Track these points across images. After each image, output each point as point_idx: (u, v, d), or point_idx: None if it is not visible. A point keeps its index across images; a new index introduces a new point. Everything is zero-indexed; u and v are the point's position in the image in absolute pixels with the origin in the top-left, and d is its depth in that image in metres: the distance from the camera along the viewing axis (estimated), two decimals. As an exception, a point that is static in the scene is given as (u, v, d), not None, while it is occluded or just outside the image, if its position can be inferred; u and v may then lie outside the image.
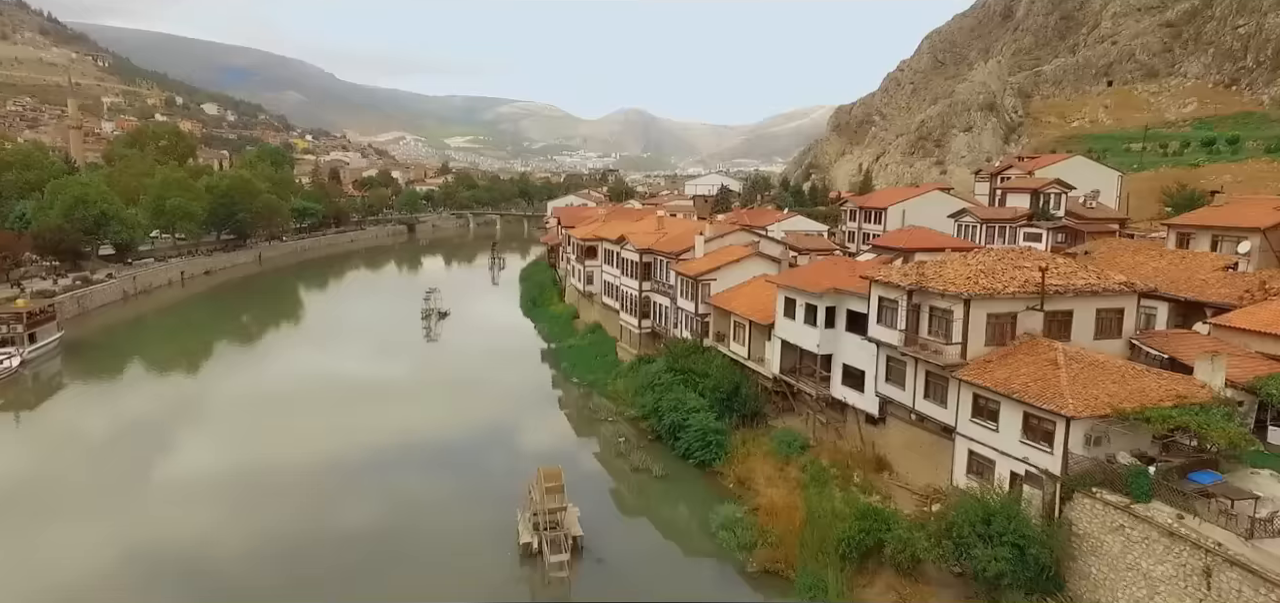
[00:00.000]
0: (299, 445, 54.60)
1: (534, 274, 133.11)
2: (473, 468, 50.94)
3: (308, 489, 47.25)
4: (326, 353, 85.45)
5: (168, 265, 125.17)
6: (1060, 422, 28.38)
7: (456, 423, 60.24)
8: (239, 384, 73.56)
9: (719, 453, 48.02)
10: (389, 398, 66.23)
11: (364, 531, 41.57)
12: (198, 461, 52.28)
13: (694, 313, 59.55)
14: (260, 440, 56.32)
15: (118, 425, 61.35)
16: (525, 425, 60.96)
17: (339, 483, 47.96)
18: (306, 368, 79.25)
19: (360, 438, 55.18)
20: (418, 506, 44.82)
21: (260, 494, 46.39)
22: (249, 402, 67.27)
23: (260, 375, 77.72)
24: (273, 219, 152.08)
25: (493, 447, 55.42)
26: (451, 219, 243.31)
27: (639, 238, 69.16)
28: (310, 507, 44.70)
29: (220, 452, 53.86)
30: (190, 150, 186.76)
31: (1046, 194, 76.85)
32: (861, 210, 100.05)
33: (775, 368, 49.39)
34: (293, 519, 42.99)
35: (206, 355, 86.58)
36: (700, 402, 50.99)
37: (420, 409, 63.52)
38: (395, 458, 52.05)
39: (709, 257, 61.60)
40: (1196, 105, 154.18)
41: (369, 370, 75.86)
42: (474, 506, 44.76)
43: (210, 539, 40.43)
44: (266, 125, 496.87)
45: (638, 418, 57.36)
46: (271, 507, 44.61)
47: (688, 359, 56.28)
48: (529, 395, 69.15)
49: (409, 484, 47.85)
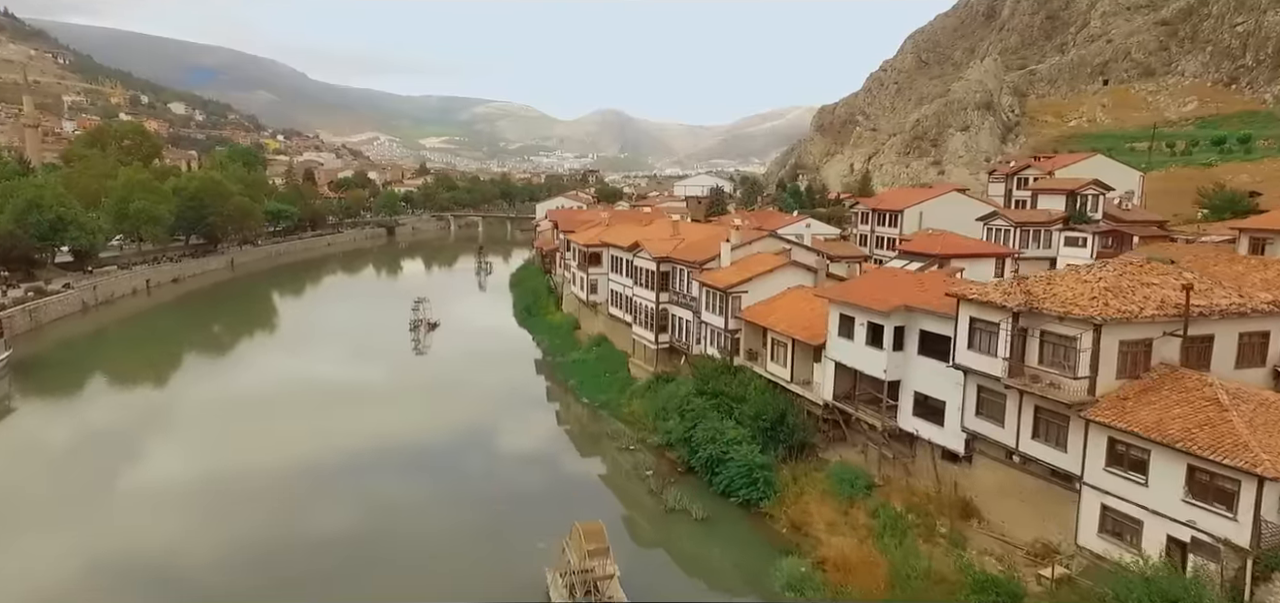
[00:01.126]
0: (273, 461, 50.24)
1: (525, 279, 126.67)
2: (472, 505, 45.00)
3: (282, 503, 43.06)
4: (304, 361, 79.87)
5: (132, 273, 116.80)
6: (1249, 481, 22.99)
7: (459, 452, 53.99)
8: (208, 391, 68.05)
9: (767, 492, 42.25)
10: (383, 415, 59.86)
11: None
12: (166, 469, 49.87)
13: (723, 329, 53.81)
14: (232, 451, 51.96)
15: (78, 436, 57.82)
16: (531, 456, 54.92)
17: (318, 510, 41.84)
18: (282, 377, 73.84)
19: (342, 458, 50.66)
20: (433, 549, 39.20)
21: (232, 503, 43.73)
22: (219, 415, 61.53)
23: (231, 386, 71.46)
24: (246, 222, 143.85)
25: (492, 480, 49.51)
26: (432, 221, 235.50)
27: (655, 245, 63.32)
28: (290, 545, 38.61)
29: (189, 460, 51.17)
30: (156, 150, 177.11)
31: (1083, 195, 72.30)
32: (874, 213, 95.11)
33: (827, 393, 43.81)
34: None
35: (175, 366, 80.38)
36: (740, 432, 45.25)
37: (420, 438, 57.24)
38: (398, 492, 45.90)
39: (737, 266, 55.92)
40: (1197, 104, 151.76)
41: (353, 381, 70.50)
42: (483, 549, 39.18)
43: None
44: (236, 125, 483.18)
45: (662, 445, 51.83)
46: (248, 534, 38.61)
47: (719, 381, 50.62)
48: (535, 422, 63.14)
49: (420, 527, 41.79)
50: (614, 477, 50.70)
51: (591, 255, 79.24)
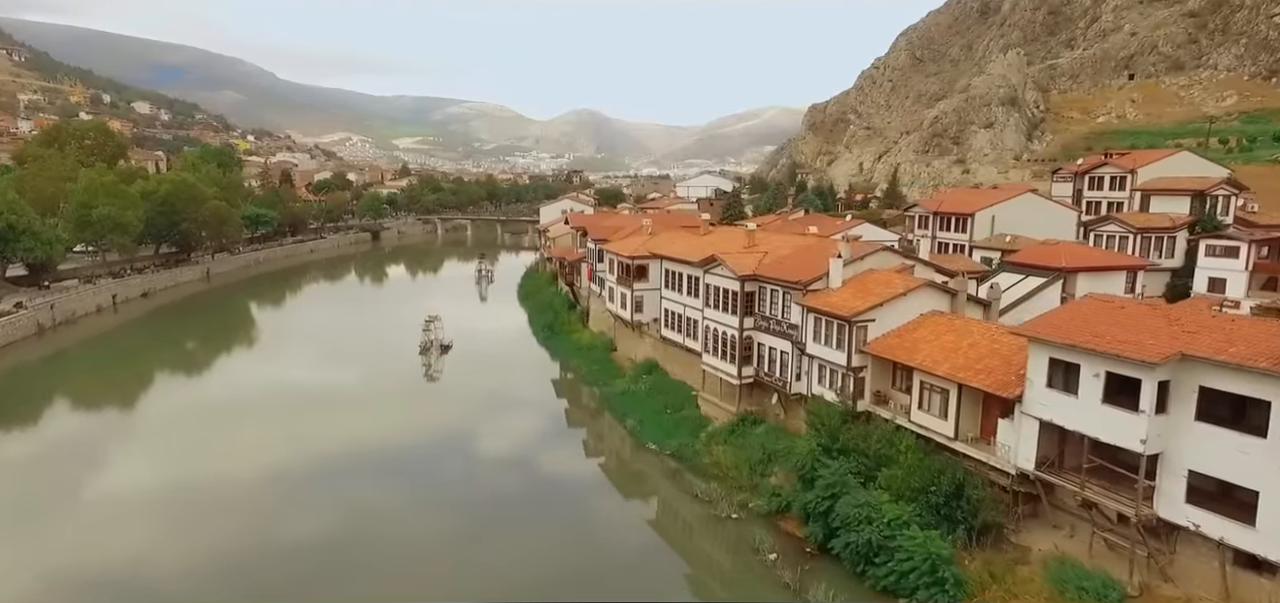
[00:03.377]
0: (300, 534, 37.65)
1: (534, 290, 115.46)
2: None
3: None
4: (301, 383, 69.23)
5: (96, 288, 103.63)
6: None
7: (509, 519, 43.02)
8: (189, 437, 55.47)
9: (957, 592, 31.99)
10: (412, 467, 48.68)
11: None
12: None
13: (845, 366, 43.37)
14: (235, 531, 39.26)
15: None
16: (603, 543, 44.20)
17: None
18: (280, 409, 62.99)
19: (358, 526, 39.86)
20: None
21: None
22: (207, 474, 49.23)
23: (219, 425, 59.05)
24: (222, 229, 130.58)
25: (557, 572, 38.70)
26: (417, 225, 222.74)
27: (737, 260, 52.71)
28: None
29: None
30: (121, 150, 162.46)
31: (1212, 196, 63.00)
32: (937, 216, 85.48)
33: (1024, 460, 33.58)
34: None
35: (145, 386, 71.26)
36: (903, 510, 34.87)
37: (460, 495, 46.14)
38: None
39: (854, 288, 45.60)
40: (1237, 99, 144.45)
41: (363, 415, 60.51)
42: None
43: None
44: (204, 125, 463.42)
45: (773, 511, 41.82)
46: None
47: (849, 434, 40.37)
48: (590, 480, 52.44)
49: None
50: (722, 560, 40.19)
51: (637, 268, 68.65)
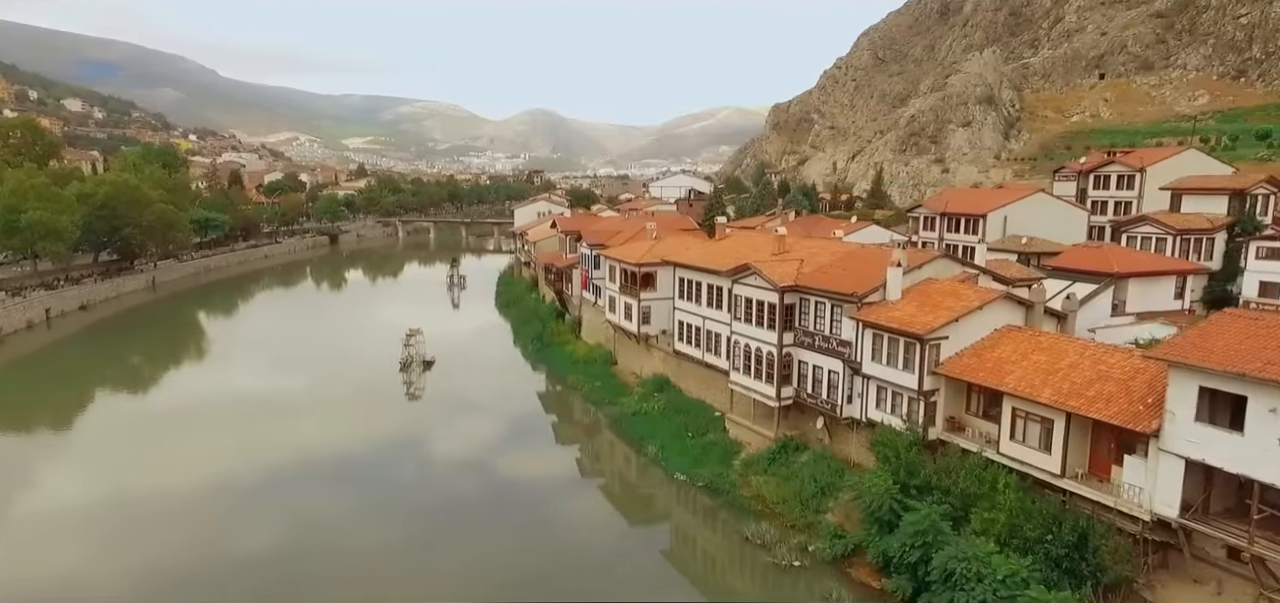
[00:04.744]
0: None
1: (513, 297, 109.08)
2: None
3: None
4: (268, 409, 61.68)
5: (26, 301, 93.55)
6: None
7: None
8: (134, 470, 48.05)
9: (1095, 666, 27.25)
10: (410, 506, 42.17)
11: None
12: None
13: (916, 390, 38.41)
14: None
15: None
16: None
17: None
18: (240, 432, 55.28)
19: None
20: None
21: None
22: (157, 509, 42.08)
23: (173, 461, 51.53)
24: (169, 234, 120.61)
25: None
26: (377, 228, 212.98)
27: (773, 269, 47.42)
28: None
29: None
30: (53, 150, 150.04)
31: (1252, 195, 60.04)
32: (944, 217, 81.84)
33: (1162, 505, 28.94)
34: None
35: (83, 405, 64.72)
36: (1016, 563, 29.98)
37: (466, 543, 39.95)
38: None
39: (918, 301, 40.65)
40: (1208, 98, 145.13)
41: (341, 444, 53.45)
42: None
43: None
44: (141, 123, 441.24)
45: (838, 556, 36.83)
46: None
47: (930, 471, 35.49)
48: (608, 522, 46.72)
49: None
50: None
51: (644, 277, 63.03)
